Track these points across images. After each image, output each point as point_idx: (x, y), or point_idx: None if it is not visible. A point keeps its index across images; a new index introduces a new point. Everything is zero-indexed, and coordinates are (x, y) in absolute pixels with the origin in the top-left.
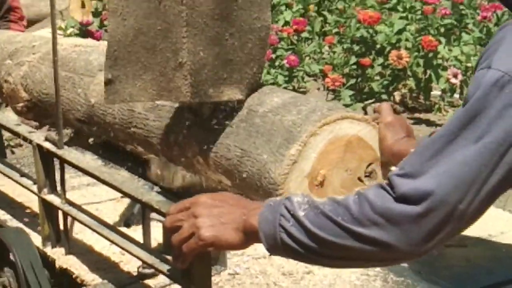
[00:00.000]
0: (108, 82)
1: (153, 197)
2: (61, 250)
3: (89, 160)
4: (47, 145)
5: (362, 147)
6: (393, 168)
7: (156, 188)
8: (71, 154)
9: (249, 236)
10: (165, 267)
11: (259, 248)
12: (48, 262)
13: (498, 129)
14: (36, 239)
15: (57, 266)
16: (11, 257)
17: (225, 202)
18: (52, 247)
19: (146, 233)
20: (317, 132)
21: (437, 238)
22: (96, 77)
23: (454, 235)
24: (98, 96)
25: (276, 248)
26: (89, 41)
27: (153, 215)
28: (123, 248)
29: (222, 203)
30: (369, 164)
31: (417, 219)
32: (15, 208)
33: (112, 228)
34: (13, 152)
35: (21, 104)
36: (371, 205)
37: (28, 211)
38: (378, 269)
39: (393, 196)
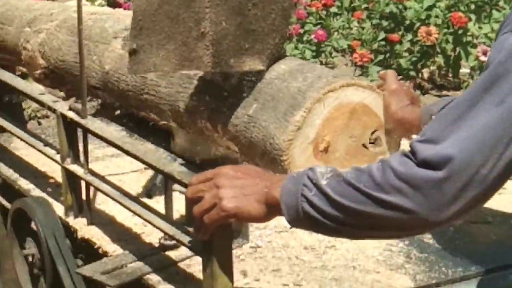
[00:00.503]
0: (132, 52)
1: (175, 167)
2: (83, 220)
3: (112, 130)
4: (71, 114)
5: (367, 114)
6: (414, 137)
7: (179, 160)
8: (95, 124)
9: (271, 209)
10: (186, 239)
11: (281, 222)
12: (70, 232)
13: None
14: (59, 209)
15: (79, 236)
16: (34, 226)
17: (248, 174)
18: (75, 218)
19: (168, 204)
20: (322, 98)
21: (459, 204)
22: (111, 44)
23: (477, 204)
24: (112, 63)
25: (298, 219)
26: (105, 9)
27: (176, 186)
28: (145, 219)
29: (245, 175)
30: (374, 131)
31: (439, 184)
32: (38, 177)
33: (135, 199)
34: (39, 123)
35: (38, 71)
36: (394, 171)
37: (51, 181)
38: (401, 244)
39: (415, 162)
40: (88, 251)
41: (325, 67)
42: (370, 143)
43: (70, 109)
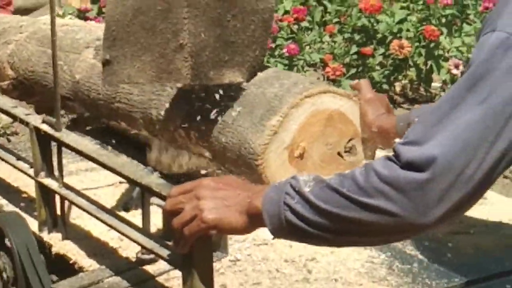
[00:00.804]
0: (106, 63)
1: (153, 179)
2: (58, 235)
3: (87, 143)
4: (45, 127)
5: (343, 122)
6: (397, 140)
7: (156, 173)
8: (69, 137)
9: (253, 219)
10: (165, 252)
11: (260, 234)
12: (44, 248)
13: (503, 90)
14: (33, 224)
15: (53, 251)
16: (7, 242)
17: (229, 185)
18: (49, 232)
19: (146, 217)
20: (298, 104)
21: (444, 206)
22: (82, 54)
23: (463, 207)
24: (83, 72)
25: (281, 228)
26: (76, 21)
27: (153, 199)
28: (122, 233)
29: (226, 186)
30: (350, 140)
31: (423, 185)
32: (11, 192)
33: (111, 212)
34: (9, 140)
35: (6, 82)
36: (377, 174)
37: (24, 195)
38: (383, 256)
39: (399, 164)
40: (63, 267)
41: (301, 75)
42: (345, 151)
43: (44, 122)
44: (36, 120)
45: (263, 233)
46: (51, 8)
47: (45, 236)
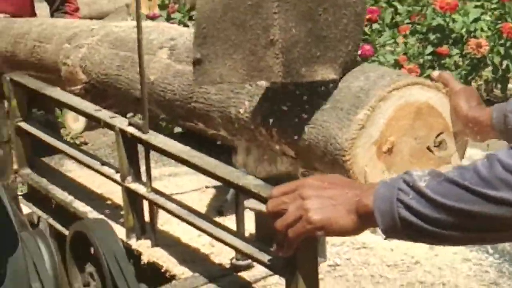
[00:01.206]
0: (197, 62)
1: (251, 181)
2: (147, 242)
3: (177, 144)
4: (131, 129)
5: (432, 115)
6: None
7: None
8: (158, 138)
9: (362, 219)
10: (264, 257)
11: (359, 238)
12: (133, 255)
13: None
14: (119, 231)
15: (143, 259)
16: (94, 250)
17: (335, 184)
18: (137, 240)
19: (240, 221)
20: (386, 96)
21: None
22: (156, 54)
23: None
24: (158, 73)
25: (394, 227)
26: (148, 22)
27: (245, 203)
28: (215, 238)
29: (332, 184)
30: (439, 134)
31: None
32: (94, 199)
33: (203, 216)
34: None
35: (79, 86)
36: (502, 165)
37: (108, 202)
38: (491, 258)
39: None
40: (153, 275)
41: (387, 67)
42: (435, 146)
43: (130, 124)
44: (121, 122)
45: (362, 236)
46: (137, 5)
47: (134, 243)
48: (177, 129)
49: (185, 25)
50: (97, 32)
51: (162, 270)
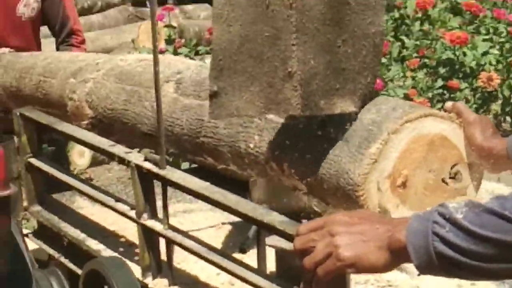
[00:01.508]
0: (213, 95)
1: (275, 217)
2: (164, 281)
3: (196, 180)
4: (147, 165)
5: (446, 147)
6: None
7: None
8: (175, 174)
9: (395, 255)
10: None
11: (384, 275)
12: None
13: None
14: (135, 270)
15: None
16: None
17: (365, 219)
18: (153, 278)
19: (262, 258)
20: (398, 129)
21: None
22: (163, 88)
23: None
24: (165, 107)
25: (429, 262)
26: None
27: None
28: (238, 277)
29: (362, 220)
30: (454, 165)
31: None
32: (108, 237)
33: (224, 254)
34: None
35: (85, 122)
36: None
37: (122, 240)
38: None
39: None
40: None
41: (398, 100)
42: (450, 177)
43: (146, 159)
44: (137, 158)
45: (387, 274)
46: (153, 36)
47: (150, 282)
48: (184, 165)
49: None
50: (103, 66)
51: None
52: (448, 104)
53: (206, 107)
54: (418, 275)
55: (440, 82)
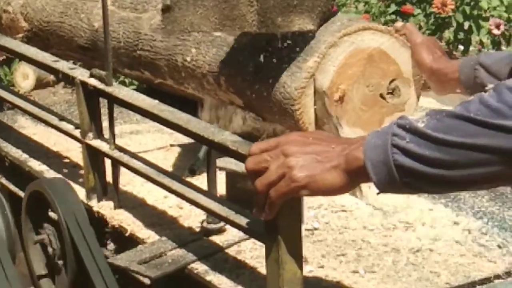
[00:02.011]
0: (166, 9)
1: (227, 136)
2: (109, 203)
3: (145, 97)
4: (93, 81)
5: (384, 61)
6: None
7: None
8: (123, 91)
9: (352, 173)
10: (241, 220)
11: (337, 200)
12: (94, 217)
13: None
14: (79, 192)
15: (105, 222)
16: (52, 212)
17: (321, 139)
18: (98, 201)
19: (212, 181)
20: (336, 43)
21: None
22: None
23: None
24: (101, 20)
25: (390, 178)
26: None
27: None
28: (187, 199)
29: (318, 140)
30: (392, 80)
31: None
32: (51, 157)
33: (173, 176)
34: None
35: (21, 35)
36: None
37: (66, 161)
38: (479, 223)
39: None
40: (116, 239)
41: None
42: (388, 93)
43: (92, 75)
44: (82, 74)
45: (341, 199)
46: None
47: (95, 204)
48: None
49: None
50: None
51: (127, 234)
52: (398, 24)
53: (143, 19)
54: (378, 193)
55: (393, 7)
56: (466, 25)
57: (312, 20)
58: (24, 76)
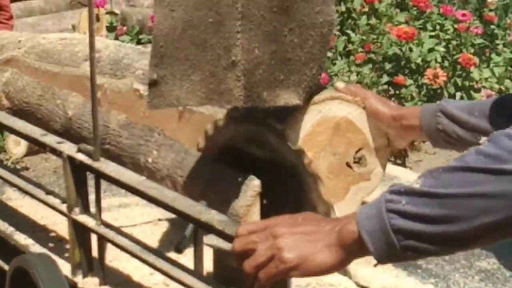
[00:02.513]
0: (153, 84)
1: (214, 216)
2: (94, 280)
3: (131, 174)
4: (80, 156)
5: (351, 131)
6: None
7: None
8: (109, 167)
9: (346, 249)
10: None
11: (325, 279)
12: None
13: None
14: (65, 267)
15: None
16: None
17: (309, 219)
18: (84, 277)
19: (199, 259)
20: (304, 111)
21: None
22: (81, 67)
23: None
24: (75, 108)
25: (388, 245)
26: (76, 34)
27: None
28: (173, 278)
29: (306, 220)
30: (359, 150)
31: None
32: (37, 231)
33: (159, 253)
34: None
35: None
36: (509, 137)
37: (52, 235)
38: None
39: None
40: None
41: None
42: (354, 162)
43: (80, 150)
44: (70, 148)
45: (328, 277)
46: (90, 20)
47: (80, 281)
48: None
49: None
50: (24, 43)
51: None
52: (339, 84)
53: (111, 114)
54: (375, 265)
55: (385, 78)
56: (458, 96)
57: (298, 94)
58: (16, 143)
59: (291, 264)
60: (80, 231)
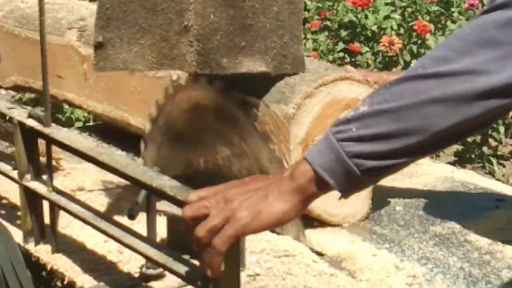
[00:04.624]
0: (98, 46)
1: (166, 182)
2: (47, 247)
3: (83, 139)
4: (31, 122)
5: None
6: None
7: None
8: (61, 132)
9: (302, 191)
10: (179, 267)
11: (280, 245)
12: (30, 262)
13: None
14: (16, 234)
15: (42, 266)
16: None
17: (258, 178)
18: (36, 244)
19: (152, 226)
20: (313, 93)
21: None
22: (65, 35)
23: None
24: None
25: (347, 174)
26: None
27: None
28: (125, 245)
29: (255, 179)
30: None
31: None
32: None
33: (111, 220)
34: None
35: None
36: (456, 36)
37: (4, 201)
38: (423, 269)
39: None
40: (53, 284)
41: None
42: None
43: (30, 116)
44: (20, 114)
45: (284, 243)
46: None
47: (32, 248)
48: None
49: None
50: (2, 7)
51: (63, 279)
52: (348, 68)
53: None
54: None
55: (341, 45)
56: (413, 63)
57: (266, 62)
58: None
59: (247, 220)
60: (32, 198)
